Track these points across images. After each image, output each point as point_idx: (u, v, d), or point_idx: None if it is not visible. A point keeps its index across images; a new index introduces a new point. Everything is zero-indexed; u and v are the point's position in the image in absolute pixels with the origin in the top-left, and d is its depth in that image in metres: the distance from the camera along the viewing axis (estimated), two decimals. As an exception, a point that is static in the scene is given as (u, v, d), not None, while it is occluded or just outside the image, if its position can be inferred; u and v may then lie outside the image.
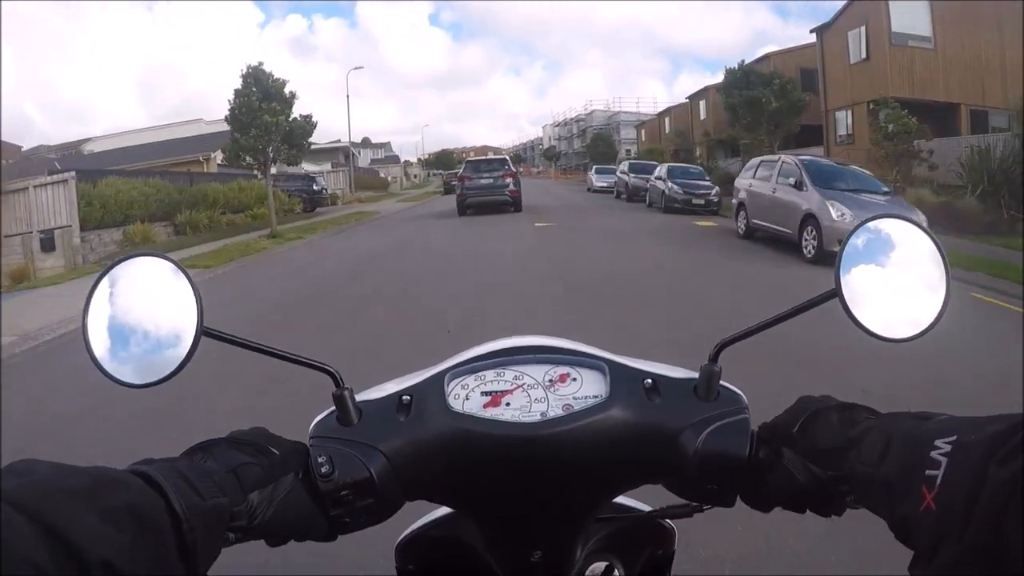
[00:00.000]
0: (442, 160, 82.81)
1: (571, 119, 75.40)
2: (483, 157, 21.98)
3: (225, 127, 15.22)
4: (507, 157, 21.11)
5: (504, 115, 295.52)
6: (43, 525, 0.32)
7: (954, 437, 0.37)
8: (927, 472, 0.37)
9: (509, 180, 17.87)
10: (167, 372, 0.51)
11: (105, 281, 0.53)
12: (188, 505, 0.41)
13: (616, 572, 0.64)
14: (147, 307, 0.53)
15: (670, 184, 17.84)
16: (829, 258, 8.56)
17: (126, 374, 0.52)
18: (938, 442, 0.38)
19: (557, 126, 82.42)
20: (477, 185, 17.86)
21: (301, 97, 14.79)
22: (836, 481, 0.47)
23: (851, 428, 0.47)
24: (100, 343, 0.52)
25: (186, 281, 0.53)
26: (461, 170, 19.04)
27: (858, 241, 0.54)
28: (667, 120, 42.24)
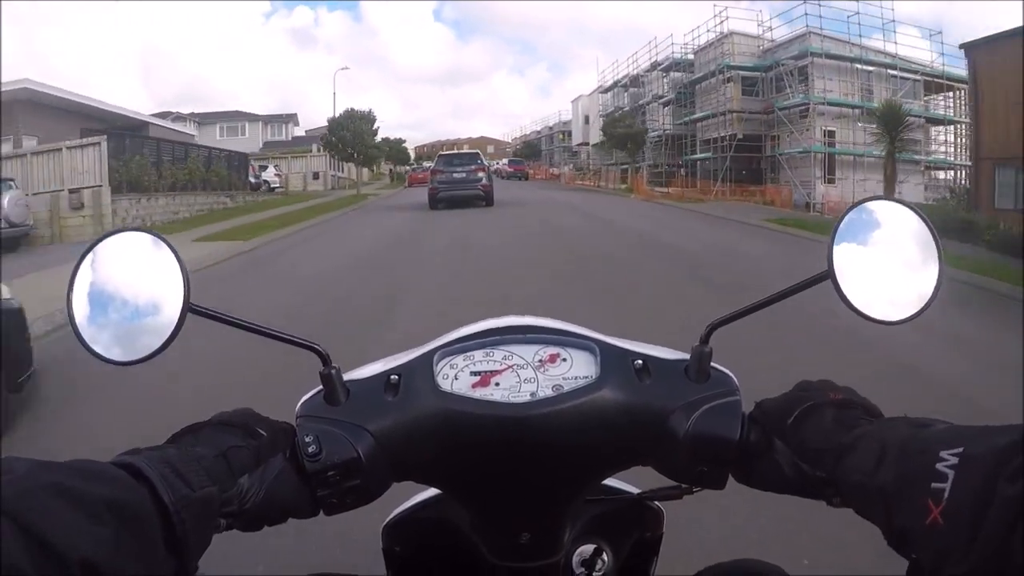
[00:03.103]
0: (339, 132, 28.40)
1: (658, 64, 32.13)
2: (455, 152, 22.23)
3: None
4: (479, 151, 21.23)
5: (505, 115, 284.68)
6: (18, 524, 0.31)
7: (960, 449, 0.36)
8: (933, 485, 0.35)
9: (481, 175, 18.17)
10: (153, 349, 0.50)
11: (89, 257, 0.52)
12: (177, 497, 0.40)
13: (604, 554, 0.63)
14: (132, 284, 0.52)
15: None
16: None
17: (112, 352, 0.51)
18: (943, 453, 0.36)
19: (607, 91, 39.79)
20: (450, 179, 18.03)
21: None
22: (824, 483, 0.47)
23: (845, 431, 0.46)
24: (84, 321, 0.51)
25: (172, 256, 0.52)
26: (433, 164, 19.27)
27: (851, 223, 0.54)
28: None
